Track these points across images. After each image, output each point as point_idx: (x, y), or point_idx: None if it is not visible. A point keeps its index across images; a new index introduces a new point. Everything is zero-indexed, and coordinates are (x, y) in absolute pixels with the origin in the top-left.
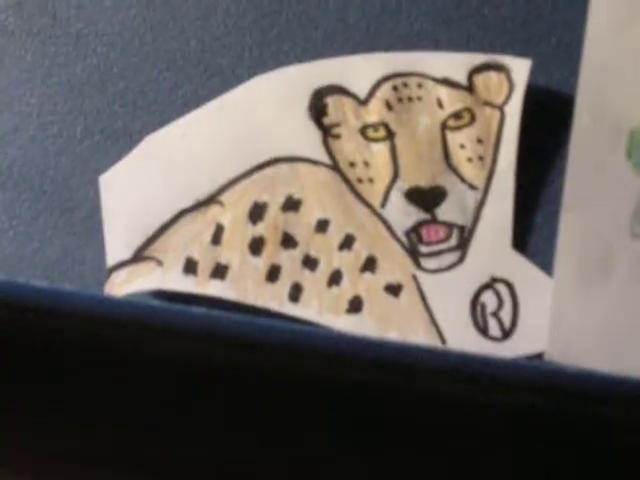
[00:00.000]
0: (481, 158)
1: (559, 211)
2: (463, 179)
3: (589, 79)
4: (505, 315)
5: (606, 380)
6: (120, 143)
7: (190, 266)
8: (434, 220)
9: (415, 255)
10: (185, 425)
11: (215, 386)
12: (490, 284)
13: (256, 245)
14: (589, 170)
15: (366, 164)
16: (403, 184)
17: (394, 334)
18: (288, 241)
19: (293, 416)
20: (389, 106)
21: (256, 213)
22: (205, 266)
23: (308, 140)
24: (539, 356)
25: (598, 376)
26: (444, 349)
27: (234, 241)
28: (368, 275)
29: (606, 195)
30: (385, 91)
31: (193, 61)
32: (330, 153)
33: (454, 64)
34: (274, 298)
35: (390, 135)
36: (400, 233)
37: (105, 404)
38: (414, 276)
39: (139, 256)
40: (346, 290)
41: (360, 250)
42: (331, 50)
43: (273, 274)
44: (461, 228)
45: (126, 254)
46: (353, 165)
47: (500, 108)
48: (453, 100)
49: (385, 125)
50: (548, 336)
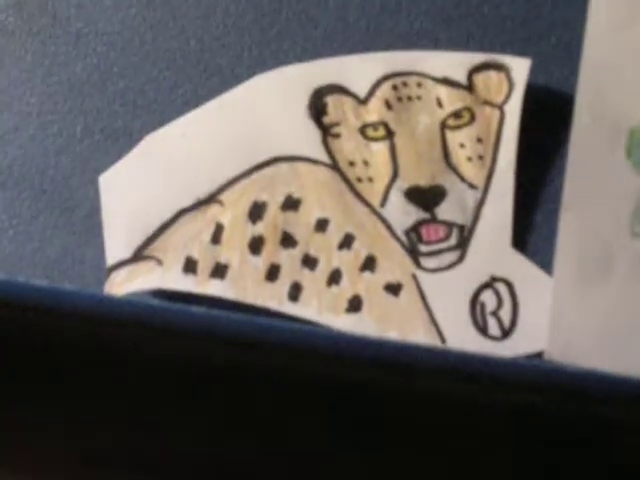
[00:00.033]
0: (481, 157)
1: (559, 210)
2: (463, 178)
3: (589, 78)
4: (505, 314)
5: (606, 379)
6: (120, 142)
7: (190, 265)
8: (434, 219)
9: (415, 254)
10: (185, 424)
11: (215, 385)
12: (490, 283)
13: (256, 244)
14: (589, 169)
15: (366, 163)
16: (403, 183)
17: (394, 333)
18: (288, 240)
19: (293, 416)
20: (389, 105)
21: (256, 212)
22: (205, 265)
23: (308, 139)
24: (539, 355)
25: (598, 375)
26: (444, 348)
27: (234, 240)
28: (368, 274)
29: (606, 194)
30: (385, 90)
31: (193, 60)
32: (330, 152)
33: (454, 63)
34: (274, 297)
35: (390, 134)
36: (400, 232)
37: (105, 404)
38: (414, 275)
39: (139, 255)
40: (346, 289)
41: (360, 249)
42: (331, 49)
43: (273, 273)
44: (461, 227)
45: (126, 253)
46: (353, 164)
47: (500, 107)
48: (453, 99)
49: (385, 124)
50: (548, 335)
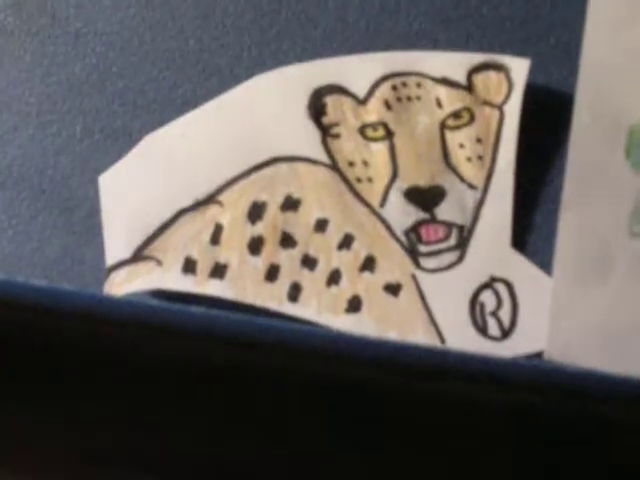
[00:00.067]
0: (480, 157)
1: (558, 210)
2: (462, 178)
3: (588, 78)
4: (504, 314)
5: (605, 379)
6: (119, 142)
7: (189, 266)
8: (433, 220)
9: (414, 254)
10: (184, 424)
11: (214, 385)
12: (489, 283)
13: (255, 245)
14: (588, 169)
15: (365, 164)
16: (402, 183)
17: (393, 334)
18: (287, 241)
19: (292, 415)
20: (388, 106)
21: (255, 213)
22: (204, 266)
23: (307, 140)
24: (538, 355)
25: (597, 375)
26: (443, 348)
27: (233, 241)
28: (367, 275)
29: (605, 194)
30: (384, 91)
31: (192, 61)
32: (329, 152)
33: (453, 64)
34: (273, 298)
35: (389, 135)
36: (399, 233)
37: (104, 403)
38: (413, 276)
39: (138, 256)
40: (345, 290)
41: (359, 250)
42: (330, 50)
43: (272, 274)
44: (460, 227)
45: (125, 253)
46: (352, 164)
47: (499, 107)
48: (452, 100)
49: (384, 125)
50: (547, 335)
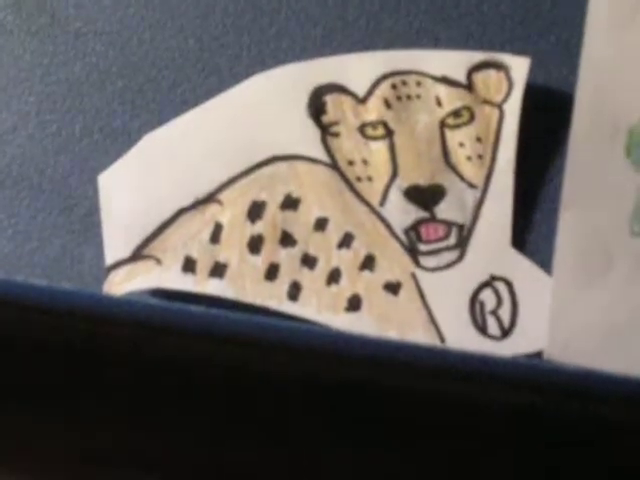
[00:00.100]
0: (480, 156)
1: (558, 209)
2: (462, 177)
3: (588, 77)
4: (504, 313)
5: (605, 379)
6: (119, 142)
7: (189, 265)
8: (433, 218)
9: (414, 253)
10: (184, 423)
11: (214, 385)
12: (489, 282)
13: (255, 244)
14: (588, 168)
15: (365, 162)
16: (402, 182)
17: (393, 332)
18: (287, 240)
19: (292, 415)
20: (388, 104)
21: (255, 212)
22: (204, 265)
23: (307, 138)
24: (538, 355)
25: (597, 375)
26: (443, 348)
27: (233, 240)
28: (367, 273)
29: (605, 193)
30: (384, 89)
31: (192, 60)
32: (329, 151)
33: (453, 62)
34: (273, 297)
35: (389, 133)
36: (399, 231)
37: (104, 403)
38: (413, 274)
39: (138, 255)
40: (345, 288)
41: (359, 248)
42: (330, 48)
43: (272, 273)
44: (460, 226)
45: (125, 253)
46: (352, 163)
47: (499, 106)
48: (452, 98)
49: (384, 123)
50: (547, 334)
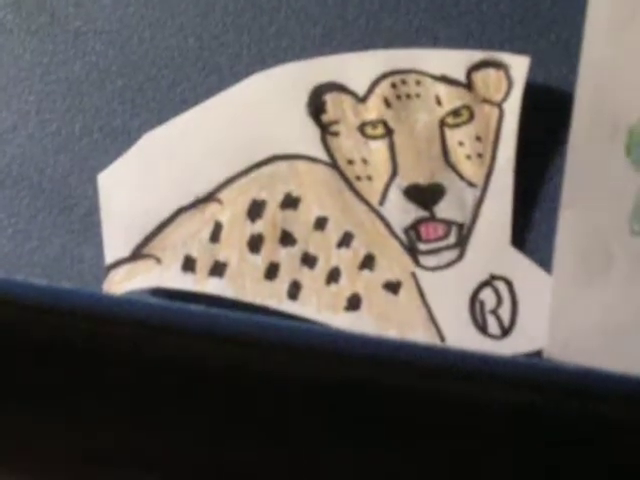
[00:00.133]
0: (480, 155)
1: (558, 208)
2: (462, 176)
3: (588, 76)
4: (504, 313)
5: (605, 378)
6: (119, 141)
7: (189, 264)
8: (433, 218)
9: (414, 253)
10: (185, 423)
11: (214, 384)
12: (489, 282)
13: (255, 243)
14: (588, 167)
15: (365, 161)
16: (402, 181)
17: (393, 332)
18: (287, 239)
19: (292, 414)
20: (388, 103)
21: (255, 211)
22: (204, 264)
23: (307, 137)
24: (538, 354)
25: (597, 373)
26: (443, 347)
27: (233, 239)
28: (367, 273)
29: (605, 192)
30: (384, 88)
31: (192, 59)
32: (329, 150)
33: (453, 61)
34: (273, 296)
35: (389, 132)
36: (399, 231)
37: (105, 402)
38: (413, 274)
39: (138, 254)
40: (345, 288)
41: (359, 248)
42: (330, 47)
43: (272, 272)
44: (460, 226)
45: (125, 252)
46: (352, 162)
47: (499, 105)
48: (452, 97)
49: (384, 122)
50: (547, 333)
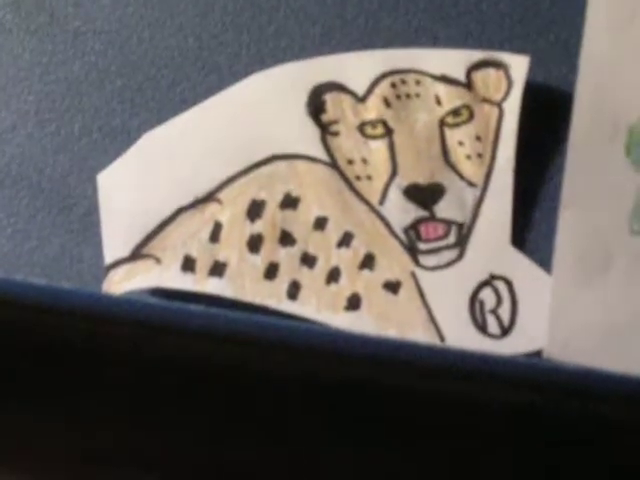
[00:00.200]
0: (480, 155)
1: (558, 208)
2: (462, 176)
3: (588, 76)
4: (504, 312)
5: (605, 378)
6: (118, 141)
7: (188, 264)
8: (433, 217)
9: (414, 252)
10: (184, 423)
11: (214, 384)
12: (489, 281)
13: (254, 243)
14: (588, 167)
15: (364, 161)
16: (401, 181)
17: (393, 331)
18: (286, 239)
19: (291, 414)
20: (387, 103)
21: (254, 211)
22: (203, 264)
23: (306, 137)
24: (538, 354)
25: (597, 373)
26: (443, 347)
27: (232, 239)
28: (366, 272)
29: (605, 192)
30: (383, 88)
31: (191, 58)
32: (328, 150)
33: (452, 61)
34: (272, 296)
35: (388, 132)
36: (399, 230)
37: (104, 402)
38: (413, 273)
39: (137, 254)
40: (344, 287)
41: (358, 247)
42: (329, 47)
43: (271, 272)
44: (460, 225)
45: (124, 252)
46: (351, 162)
47: (499, 105)
48: (451, 97)
49: (383, 122)
50: (547, 333)
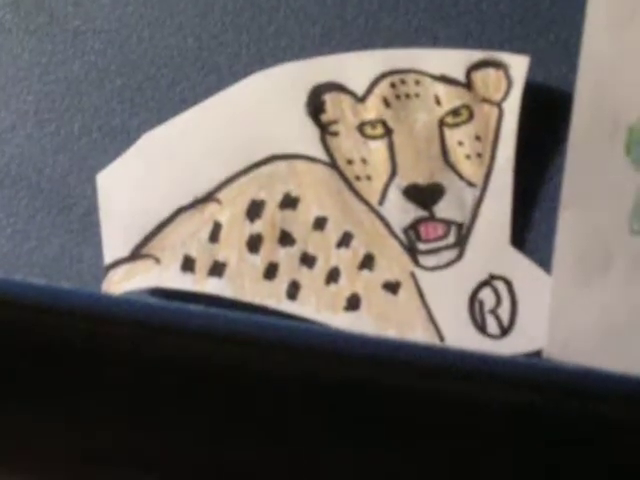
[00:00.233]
0: (479, 155)
1: (558, 208)
2: (461, 176)
3: (587, 75)
4: (503, 312)
5: (605, 377)
6: (118, 141)
7: (188, 264)
8: (432, 217)
9: (413, 252)
10: (183, 423)
11: (213, 384)
12: (488, 281)
13: (254, 243)
14: (588, 167)
15: (364, 161)
16: (401, 181)
17: (392, 332)
18: (286, 239)
19: (291, 414)
20: (387, 103)
21: (254, 211)
22: (203, 264)
23: (306, 137)
24: (538, 354)
25: (597, 373)
26: (442, 347)
27: (232, 239)
28: (366, 272)
29: (605, 192)
30: (383, 88)
31: (191, 58)
32: (328, 150)
33: (452, 61)
34: (272, 296)
35: (388, 132)
36: (398, 230)
37: (104, 402)
38: (412, 273)
39: (137, 254)
40: (344, 288)
41: (358, 247)
42: (329, 47)
43: (271, 272)
44: (459, 225)
45: (124, 252)
46: (351, 162)
47: (498, 105)
48: (451, 97)
49: (383, 122)
50: (547, 333)
